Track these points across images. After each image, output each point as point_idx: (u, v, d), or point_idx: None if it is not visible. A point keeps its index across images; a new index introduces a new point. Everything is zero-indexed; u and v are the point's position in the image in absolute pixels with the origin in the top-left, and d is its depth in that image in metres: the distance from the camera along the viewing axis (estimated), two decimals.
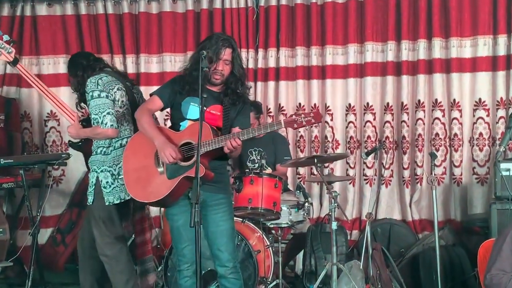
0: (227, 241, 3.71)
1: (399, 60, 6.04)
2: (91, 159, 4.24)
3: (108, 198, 4.18)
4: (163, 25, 6.35)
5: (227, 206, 3.77)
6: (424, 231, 6.00)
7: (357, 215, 6.20)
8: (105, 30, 6.36)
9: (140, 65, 6.38)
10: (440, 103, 5.96)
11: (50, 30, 6.39)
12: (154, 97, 3.79)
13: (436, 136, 5.98)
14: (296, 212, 5.04)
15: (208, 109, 3.69)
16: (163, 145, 3.59)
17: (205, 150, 3.53)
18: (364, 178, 6.15)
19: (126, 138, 4.22)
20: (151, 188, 3.66)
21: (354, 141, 6.16)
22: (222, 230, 3.70)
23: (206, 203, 3.67)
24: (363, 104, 6.14)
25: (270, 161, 5.39)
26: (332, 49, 6.15)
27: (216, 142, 3.53)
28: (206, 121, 3.64)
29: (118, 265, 4.26)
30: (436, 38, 5.92)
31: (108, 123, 4.06)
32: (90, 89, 4.11)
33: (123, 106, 4.23)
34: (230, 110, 3.73)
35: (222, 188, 3.76)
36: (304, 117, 3.47)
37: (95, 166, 4.19)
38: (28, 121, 6.41)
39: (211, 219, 3.70)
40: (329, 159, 5.37)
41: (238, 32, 6.22)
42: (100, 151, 4.19)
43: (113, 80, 4.23)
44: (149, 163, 3.70)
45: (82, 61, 4.37)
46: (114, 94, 4.17)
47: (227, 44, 3.68)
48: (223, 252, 3.70)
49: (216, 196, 3.71)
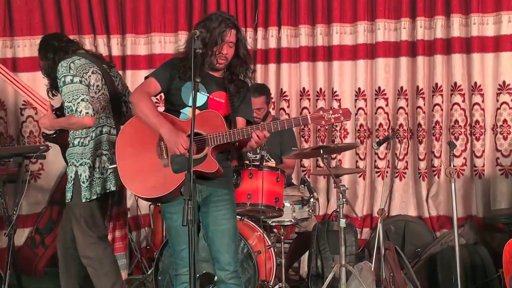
0: (228, 242, 3.69)
1: (414, 40, 6.04)
2: (68, 151, 4.22)
3: (85, 194, 4.15)
4: (151, 2, 6.33)
5: (230, 203, 3.75)
6: (442, 228, 6.01)
7: (368, 211, 6.21)
8: (87, 8, 6.33)
9: (126, 47, 6.35)
10: (460, 86, 5.95)
11: (26, 8, 6.35)
12: (151, 79, 3.72)
13: (455, 123, 5.98)
14: (300, 209, 5.04)
15: (211, 96, 3.68)
16: (172, 133, 3.53)
17: (216, 143, 3.51)
18: (376, 171, 6.15)
19: (104, 126, 4.23)
20: (154, 182, 3.61)
21: (365, 130, 6.16)
22: (223, 230, 3.68)
23: (209, 199, 3.67)
24: (374, 89, 6.14)
25: (275, 152, 5.39)
26: (339, 27, 6.14)
27: (235, 135, 3.51)
28: (209, 109, 3.64)
29: (103, 267, 4.25)
30: (455, 15, 5.91)
31: (83, 110, 4.02)
32: (62, 74, 4.08)
33: (99, 91, 4.22)
34: (234, 97, 3.73)
35: (226, 182, 3.75)
36: (332, 113, 3.53)
37: (73, 160, 4.17)
38: (2, 109, 6.39)
39: (212, 217, 3.69)
40: (336, 149, 5.34)
41: (235, 9, 6.22)
42: (78, 142, 4.17)
43: (87, 63, 4.21)
44: (150, 154, 3.65)
45: (54, 42, 4.34)
46: (89, 78, 4.15)
47: (231, 25, 3.67)
48: (223, 254, 3.68)
49: (220, 192, 3.69)
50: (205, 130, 3.54)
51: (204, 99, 3.66)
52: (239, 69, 3.75)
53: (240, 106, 3.75)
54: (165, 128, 3.56)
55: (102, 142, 4.23)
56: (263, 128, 3.52)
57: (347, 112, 3.56)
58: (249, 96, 3.83)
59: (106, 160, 4.23)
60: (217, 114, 3.59)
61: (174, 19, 6.34)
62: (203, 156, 3.54)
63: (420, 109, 6.02)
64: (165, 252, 4.74)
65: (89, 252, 4.24)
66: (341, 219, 4.52)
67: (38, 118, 6.31)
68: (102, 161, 4.22)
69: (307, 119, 3.54)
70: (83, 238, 4.23)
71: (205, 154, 3.53)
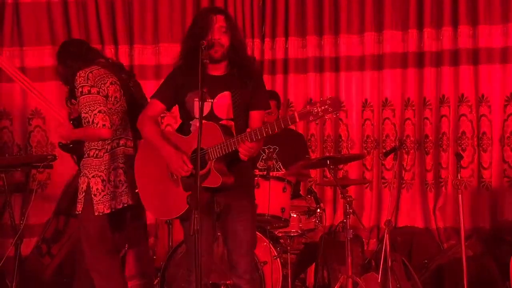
0: (246, 251, 3.72)
1: (421, 51, 6.06)
2: (83, 162, 4.19)
3: (98, 207, 4.11)
4: (159, 12, 6.36)
5: (250, 213, 3.75)
6: (449, 240, 6.00)
7: (375, 222, 6.21)
8: (95, 17, 6.35)
9: (133, 57, 6.39)
10: (467, 98, 5.97)
11: (34, 18, 6.38)
12: (152, 101, 3.76)
13: (462, 134, 5.99)
14: (307, 219, 5.05)
15: (215, 101, 3.64)
16: (171, 156, 3.56)
17: (216, 156, 3.48)
18: (383, 182, 6.15)
19: (121, 139, 4.22)
20: (170, 203, 3.64)
21: (372, 140, 6.17)
22: (241, 240, 3.70)
23: (229, 210, 3.67)
24: (381, 100, 6.16)
25: (288, 161, 5.38)
26: (346, 38, 6.16)
27: (230, 145, 3.43)
28: (216, 114, 3.63)
29: (110, 281, 4.21)
30: (463, 26, 5.93)
31: (100, 122, 4.00)
32: (80, 84, 4.05)
33: (117, 103, 4.19)
34: (240, 94, 3.65)
35: (246, 192, 3.74)
36: (319, 106, 3.22)
37: (86, 171, 4.14)
38: (7, 119, 6.42)
39: (231, 227, 3.70)
40: (343, 160, 5.38)
41: (242, 19, 6.23)
42: (93, 154, 4.14)
43: (106, 73, 4.17)
44: (163, 175, 3.67)
45: (73, 49, 4.31)
46: (107, 89, 4.12)
47: (217, 11, 3.66)
48: (241, 262, 3.72)
49: (239, 203, 3.68)
50: (205, 144, 3.47)
51: (209, 106, 3.63)
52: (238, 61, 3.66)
53: (252, 99, 3.68)
54: (165, 152, 3.60)
55: (118, 155, 4.19)
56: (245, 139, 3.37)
57: (335, 101, 3.22)
58: (260, 84, 3.72)
59: (122, 173, 4.19)
60: (214, 125, 3.52)
61: (181, 29, 6.35)
62: (206, 172, 3.51)
63: (427, 120, 6.04)
64: (171, 262, 4.75)
65: (97, 265, 4.21)
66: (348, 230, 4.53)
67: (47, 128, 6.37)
68: (118, 174, 4.18)
69: (295, 117, 3.26)
70: (91, 251, 4.20)
71: (209, 169, 3.50)
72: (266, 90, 3.81)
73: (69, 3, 6.37)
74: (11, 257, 5.17)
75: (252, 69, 3.72)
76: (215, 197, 3.63)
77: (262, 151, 5.42)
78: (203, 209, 3.59)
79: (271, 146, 5.44)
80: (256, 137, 3.37)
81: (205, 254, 3.63)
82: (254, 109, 3.70)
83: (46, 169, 5.95)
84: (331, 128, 6.19)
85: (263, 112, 3.73)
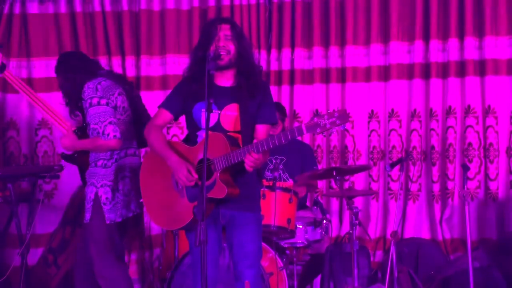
0: (251, 263, 3.71)
1: (427, 62, 6.06)
2: (90, 171, 4.24)
3: (110, 215, 4.16)
4: (166, 24, 6.38)
5: (255, 225, 3.74)
6: (456, 251, 5.98)
7: (381, 233, 6.18)
8: (102, 29, 6.39)
9: (140, 68, 6.41)
10: (474, 109, 5.96)
11: (42, 29, 6.43)
12: (160, 110, 3.78)
13: (469, 145, 5.98)
14: (313, 230, 5.04)
15: (223, 112, 3.65)
16: (177, 166, 3.57)
17: (222, 166, 3.48)
18: (389, 193, 6.14)
19: (129, 149, 4.26)
20: (174, 214, 3.65)
21: (378, 151, 6.17)
22: (246, 252, 3.70)
23: (233, 222, 3.68)
24: (388, 111, 6.15)
25: (295, 172, 5.38)
26: (353, 49, 6.17)
27: (236, 156, 3.44)
28: (222, 125, 3.63)
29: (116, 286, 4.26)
30: (469, 37, 5.93)
31: (111, 133, 4.04)
32: (89, 95, 4.11)
33: (124, 113, 4.24)
34: (248, 106, 3.65)
35: (252, 204, 3.73)
36: (327, 118, 3.23)
37: (94, 180, 4.19)
38: (14, 129, 6.44)
39: (236, 240, 3.70)
40: (349, 171, 5.37)
41: (248, 31, 6.24)
42: (101, 164, 4.20)
43: (113, 84, 4.22)
44: (168, 185, 3.69)
45: (74, 62, 4.35)
46: (116, 100, 4.17)
47: (222, 20, 3.69)
48: (246, 275, 3.71)
49: (245, 215, 3.68)
50: (212, 154, 3.49)
51: (216, 117, 3.64)
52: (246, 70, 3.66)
53: (258, 112, 3.68)
54: (171, 161, 3.61)
55: (126, 164, 4.24)
56: (257, 146, 3.38)
57: (343, 113, 3.23)
58: (267, 97, 3.72)
59: (129, 182, 4.24)
60: (221, 136, 3.52)
61: (188, 40, 6.38)
62: (212, 182, 3.51)
63: (433, 131, 6.03)
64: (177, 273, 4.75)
65: (106, 272, 4.23)
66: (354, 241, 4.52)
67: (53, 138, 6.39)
68: (125, 183, 4.23)
69: (302, 130, 3.29)
70: (101, 259, 4.22)
71: (214, 180, 3.50)
72: (273, 103, 3.81)
73: (77, 14, 6.40)
74: (18, 267, 5.18)
75: (260, 80, 3.72)
76: (220, 208, 3.64)
77: (269, 161, 5.43)
78: (207, 220, 3.61)
79: (278, 156, 5.44)
80: (262, 148, 3.39)
81: (211, 266, 3.63)
82: (261, 123, 3.71)
83: (53, 179, 5.98)
84: (337, 139, 6.19)
85: (270, 126, 3.74)
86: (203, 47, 3.63)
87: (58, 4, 6.42)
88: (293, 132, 3.32)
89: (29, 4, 6.41)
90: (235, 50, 3.63)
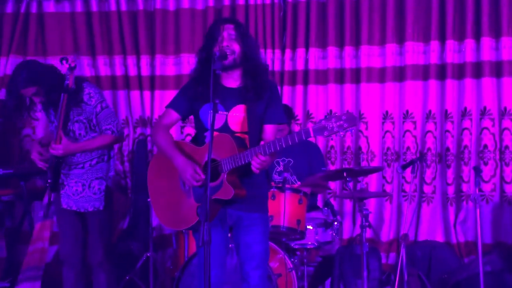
0: (257, 264, 3.69)
1: (443, 63, 6.01)
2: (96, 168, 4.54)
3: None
4: (180, 23, 6.39)
5: (262, 226, 3.71)
6: (470, 254, 5.93)
7: (394, 236, 6.14)
8: (118, 28, 6.42)
9: (155, 67, 6.42)
10: (490, 111, 5.90)
11: (58, 28, 6.48)
12: (167, 110, 3.79)
13: (484, 148, 5.92)
14: (324, 232, 5.01)
15: (230, 113, 3.65)
16: (184, 166, 3.57)
17: (229, 168, 3.47)
18: (403, 195, 6.09)
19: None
20: (181, 215, 3.64)
21: (392, 153, 6.12)
22: (253, 253, 3.68)
23: (240, 222, 3.66)
24: (402, 112, 6.11)
25: (303, 173, 5.35)
26: (367, 49, 6.13)
27: (244, 157, 3.43)
28: (230, 127, 3.62)
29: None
30: (485, 38, 5.87)
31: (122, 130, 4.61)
32: (98, 100, 4.46)
33: None
34: (255, 107, 3.63)
35: (259, 204, 3.71)
36: (335, 121, 3.19)
37: (102, 174, 4.55)
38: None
39: (242, 241, 3.69)
40: (360, 172, 5.33)
41: (263, 30, 6.24)
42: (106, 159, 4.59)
43: None
44: (175, 185, 3.69)
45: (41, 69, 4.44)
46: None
47: (225, 20, 3.69)
48: (253, 276, 3.69)
49: (251, 216, 3.66)
50: (219, 156, 3.49)
51: (223, 119, 3.63)
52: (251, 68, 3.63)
53: (266, 112, 3.66)
54: (177, 161, 3.62)
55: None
56: (264, 149, 3.37)
57: (351, 117, 3.18)
58: (275, 97, 3.69)
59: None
60: (228, 137, 3.51)
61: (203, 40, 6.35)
62: (219, 183, 3.50)
63: (448, 133, 5.97)
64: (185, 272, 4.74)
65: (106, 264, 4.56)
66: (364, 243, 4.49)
67: None
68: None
69: (309, 132, 3.26)
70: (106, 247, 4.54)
71: (221, 181, 3.49)
72: (281, 103, 3.79)
73: (93, 13, 6.44)
74: None
75: (266, 80, 3.69)
76: (227, 209, 3.63)
77: (276, 163, 5.41)
78: (214, 221, 3.60)
79: (286, 158, 5.41)
80: (269, 150, 3.38)
81: (216, 267, 3.63)
82: (268, 123, 3.68)
83: None
84: (351, 140, 6.15)
85: (277, 126, 3.71)
86: (207, 48, 3.62)
87: (74, 3, 6.47)
88: (300, 134, 3.30)
89: (46, 3, 6.48)
90: (239, 50, 3.61)
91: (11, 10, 6.40)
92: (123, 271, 5.64)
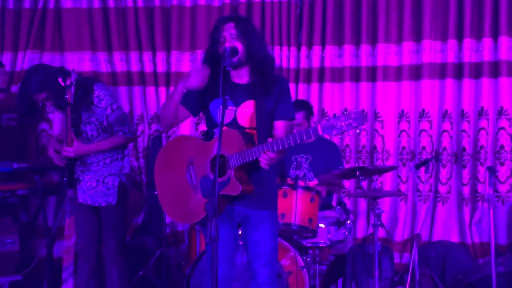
0: (265, 263, 3.68)
1: (460, 62, 5.96)
2: (111, 165, 4.59)
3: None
4: (197, 20, 6.39)
5: (271, 224, 3.69)
6: (485, 255, 5.87)
7: (409, 235, 6.10)
8: (134, 24, 6.43)
9: (171, 63, 6.43)
10: (507, 111, 5.85)
11: (75, 24, 6.50)
12: None
13: (501, 148, 5.86)
14: (336, 230, 4.99)
15: (239, 109, 3.63)
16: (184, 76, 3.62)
17: (236, 164, 3.46)
18: (418, 194, 6.05)
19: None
20: (188, 209, 3.64)
21: (407, 152, 6.08)
22: (261, 251, 3.67)
23: (248, 220, 3.65)
24: (418, 111, 6.07)
25: (320, 171, 5.33)
26: (384, 47, 6.09)
27: (251, 154, 3.41)
28: (239, 122, 3.61)
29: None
30: (503, 37, 5.81)
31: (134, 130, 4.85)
32: (109, 102, 4.49)
33: None
34: (264, 103, 3.61)
35: (268, 201, 3.69)
36: (343, 120, 3.17)
37: (116, 171, 4.61)
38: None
39: (250, 239, 3.68)
40: (373, 171, 5.29)
41: (279, 27, 6.22)
42: (120, 157, 4.65)
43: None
44: (183, 180, 3.68)
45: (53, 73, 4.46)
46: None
47: (226, 20, 3.64)
48: (261, 273, 3.68)
49: (259, 213, 3.64)
50: (226, 151, 3.48)
51: (232, 114, 3.62)
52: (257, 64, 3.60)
53: (275, 109, 3.64)
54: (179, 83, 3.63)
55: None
56: (272, 146, 3.34)
57: (360, 115, 3.15)
58: (284, 93, 3.66)
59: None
60: (236, 133, 3.50)
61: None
62: (226, 179, 3.49)
63: (465, 132, 5.92)
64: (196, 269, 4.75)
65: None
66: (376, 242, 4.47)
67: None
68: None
69: (317, 131, 3.23)
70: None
71: (229, 177, 3.49)
72: (291, 99, 3.74)
73: (110, 9, 6.45)
74: (43, 258, 5.26)
75: (274, 75, 3.67)
76: (235, 206, 3.62)
77: (293, 159, 5.39)
78: (222, 217, 3.60)
79: (304, 155, 5.40)
80: (277, 148, 3.35)
81: (224, 264, 3.62)
82: (278, 119, 3.66)
83: None
84: (366, 139, 6.12)
85: (287, 122, 3.68)
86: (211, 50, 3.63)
87: None
88: (308, 132, 3.27)
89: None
90: (243, 48, 3.58)
91: (29, 5, 6.43)
92: (137, 267, 5.68)
